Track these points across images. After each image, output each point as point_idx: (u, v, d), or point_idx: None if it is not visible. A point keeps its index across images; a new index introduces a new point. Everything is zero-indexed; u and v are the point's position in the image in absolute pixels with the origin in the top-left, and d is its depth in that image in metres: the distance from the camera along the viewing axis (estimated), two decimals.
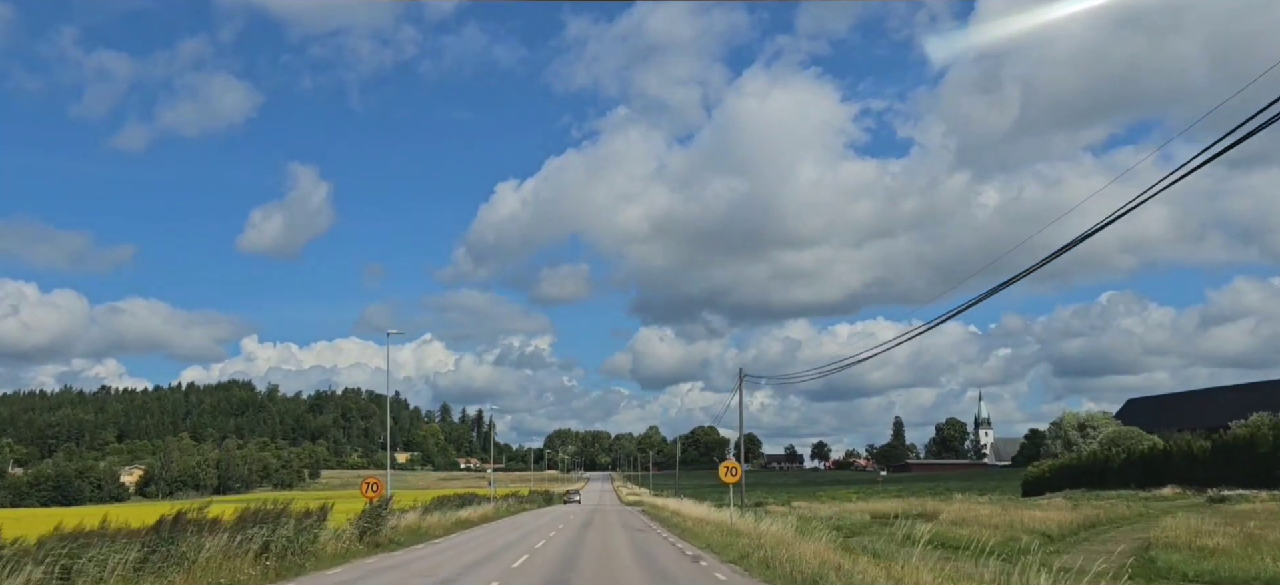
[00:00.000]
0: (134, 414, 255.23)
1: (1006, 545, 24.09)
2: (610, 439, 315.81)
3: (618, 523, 44.46)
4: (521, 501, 70.46)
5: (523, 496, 76.24)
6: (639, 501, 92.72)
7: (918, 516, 42.79)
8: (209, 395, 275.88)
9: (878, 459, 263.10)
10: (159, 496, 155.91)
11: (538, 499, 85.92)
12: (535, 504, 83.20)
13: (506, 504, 63.70)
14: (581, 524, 42.69)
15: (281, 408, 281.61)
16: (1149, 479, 55.66)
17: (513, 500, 69.10)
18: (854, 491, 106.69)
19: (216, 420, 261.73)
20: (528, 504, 70.55)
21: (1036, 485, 63.85)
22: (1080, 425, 73.76)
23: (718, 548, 23.04)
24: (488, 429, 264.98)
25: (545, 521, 46.79)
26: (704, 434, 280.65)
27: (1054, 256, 14.72)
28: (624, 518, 52.04)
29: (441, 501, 55.91)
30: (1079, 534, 29.73)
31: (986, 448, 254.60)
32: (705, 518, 36.75)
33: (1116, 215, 12.67)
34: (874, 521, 41.22)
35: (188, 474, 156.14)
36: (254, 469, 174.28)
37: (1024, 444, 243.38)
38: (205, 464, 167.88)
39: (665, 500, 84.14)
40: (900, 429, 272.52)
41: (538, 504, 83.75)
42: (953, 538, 26.58)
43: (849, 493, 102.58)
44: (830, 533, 25.18)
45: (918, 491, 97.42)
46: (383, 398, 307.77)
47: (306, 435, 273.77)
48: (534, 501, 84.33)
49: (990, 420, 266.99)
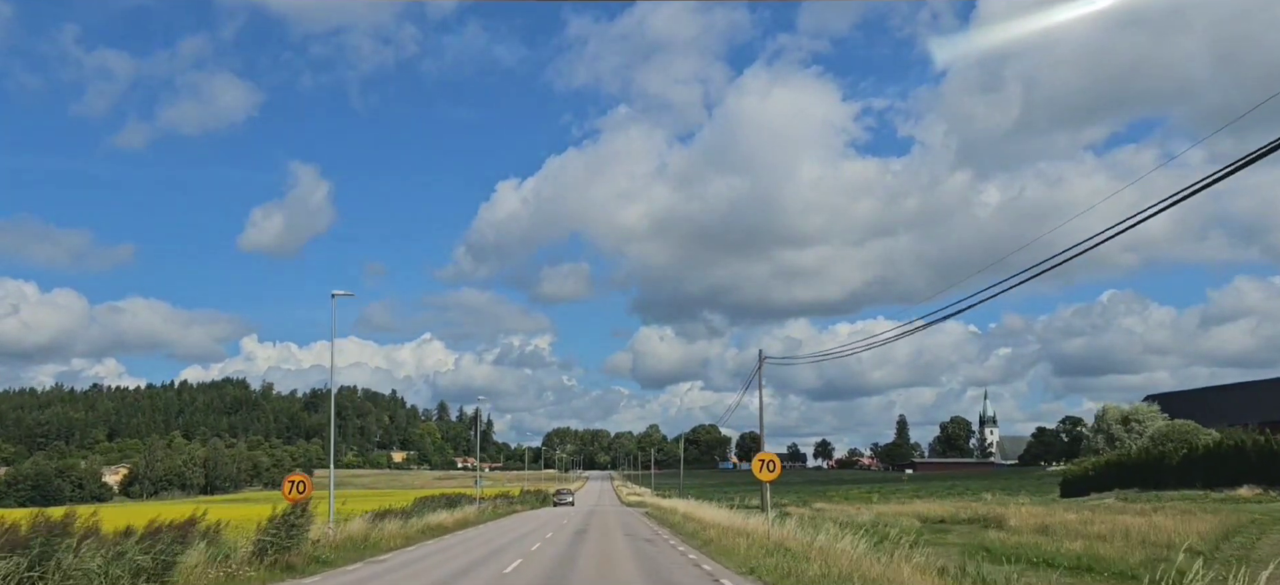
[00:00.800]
0: (125, 412, 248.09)
1: (1154, 564, 17.25)
2: (609, 438, 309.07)
3: (619, 529, 37.44)
4: (512, 502, 63.42)
5: (513, 497, 69.32)
6: (641, 502, 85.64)
7: (978, 522, 35.76)
8: (202, 393, 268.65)
9: (882, 458, 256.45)
10: (144, 496, 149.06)
11: (531, 499, 78.87)
12: (527, 505, 76.08)
13: (494, 505, 56.64)
14: (575, 531, 35.40)
15: (276, 406, 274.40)
16: (1217, 477, 48.66)
17: (502, 501, 62.02)
18: (870, 491, 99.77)
19: (210, 418, 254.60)
20: (519, 505, 63.49)
21: (1079, 485, 56.78)
22: (1124, 419, 66.72)
23: (768, 574, 15.95)
24: (478, 423, 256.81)
25: (532, 527, 39.73)
26: (705, 433, 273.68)
27: (1056, 263, 14.23)
28: (626, 522, 44.96)
29: (424, 502, 50.92)
30: (1230, 544, 22.70)
31: (993, 446, 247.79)
32: (728, 524, 29.73)
33: (1124, 227, 12.33)
34: (926, 527, 34.18)
35: (174, 473, 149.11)
36: (243, 468, 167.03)
37: (1031, 442, 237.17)
38: (191, 462, 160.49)
39: (670, 501, 77.24)
40: (904, 428, 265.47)
41: (530, 505, 76.61)
42: (1074, 555, 19.61)
43: (865, 492, 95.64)
44: (906, 547, 18.13)
45: (935, 492, 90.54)
46: (381, 395, 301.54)
47: (301, 434, 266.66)
48: (526, 502, 77.19)
49: (995, 418, 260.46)
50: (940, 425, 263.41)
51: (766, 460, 23.02)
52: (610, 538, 31.90)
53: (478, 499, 55.38)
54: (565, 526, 39.06)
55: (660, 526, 38.84)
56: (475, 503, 53.50)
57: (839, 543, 17.22)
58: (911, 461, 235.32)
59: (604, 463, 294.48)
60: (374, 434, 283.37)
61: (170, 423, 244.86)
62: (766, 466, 22.75)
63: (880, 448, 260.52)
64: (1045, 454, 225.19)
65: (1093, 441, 67.18)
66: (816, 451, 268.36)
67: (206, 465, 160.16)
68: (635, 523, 43.91)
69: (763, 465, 22.88)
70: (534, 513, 55.84)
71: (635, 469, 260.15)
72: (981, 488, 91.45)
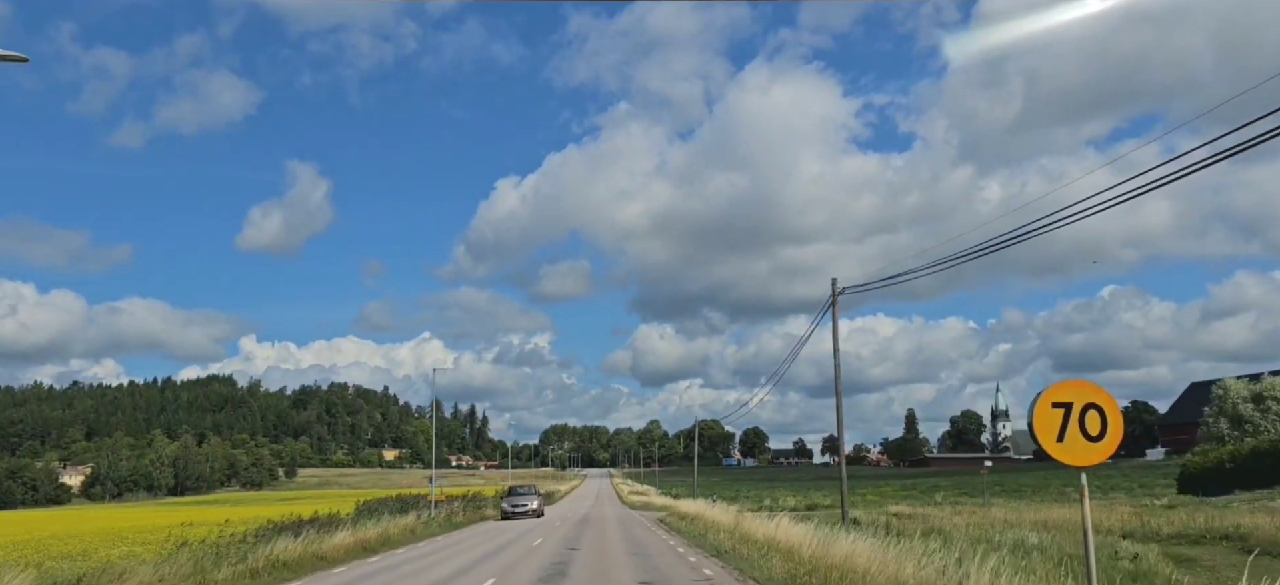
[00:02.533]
0: (104, 411, 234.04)
1: None
2: (609, 434, 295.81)
3: (627, 551, 24.23)
4: (479, 507, 49.79)
5: (486, 498, 56.00)
6: (647, 504, 72.25)
7: (1216, 538, 22.42)
8: (186, 391, 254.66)
9: (891, 453, 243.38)
10: (106, 499, 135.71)
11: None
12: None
13: (451, 511, 43.23)
14: (552, 564, 21.89)
15: (264, 403, 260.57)
16: None
17: (468, 505, 48.43)
18: (930, 488, 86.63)
19: (193, 416, 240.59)
20: (491, 509, 49.87)
21: (1206, 480, 43.49)
22: (1255, 397, 53.52)
23: None
24: (436, 414, 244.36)
25: (488, 549, 26.43)
26: (707, 428, 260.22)
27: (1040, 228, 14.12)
28: (635, 535, 31.66)
29: (371, 508, 39.53)
30: None
31: (1006, 440, 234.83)
32: (806, 544, 16.93)
33: (1110, 203, 12.50)
34: (1151, 547, 20.85)
35: (140, 474, 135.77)
36: (219, 467, 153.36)
37: None
38: (159, 462, 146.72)
39: (683, 502, 64.13)
40: (913, 422, 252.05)
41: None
42: None
43: (925, 489, 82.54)
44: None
45: (973, 488, 77.69)
46: (373, 393, 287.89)
47: (290, 432, 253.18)
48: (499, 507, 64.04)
49: (1008, 412, 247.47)
50: (950, 420, 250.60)
51: (1081, 412, 8.40)
52: (615, 568, 18.83)
53: (438, 501, 42.03)
54: (540, 549, 25.68)
55: (691, 546, 25.32)
56: (431, 510, 40.12)
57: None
58: (924, 457, 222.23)
59: (603, 460, 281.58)
60: (365, 432, 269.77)
61: (152, 421, 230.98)
62: (1084, 433, 8.39)
63: (889, 443, 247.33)
64: None
65: (1212, 426, 54.09)
66: (824, 447, 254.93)
67: (176, 465, 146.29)
68: (649, 536, 30.61)
69: (1078, 436, 8.51)
70: (509, 523, 42.84)
71: (635, 466, 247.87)
72: (1022, 485, 78.75)
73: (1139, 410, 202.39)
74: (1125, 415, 20.18)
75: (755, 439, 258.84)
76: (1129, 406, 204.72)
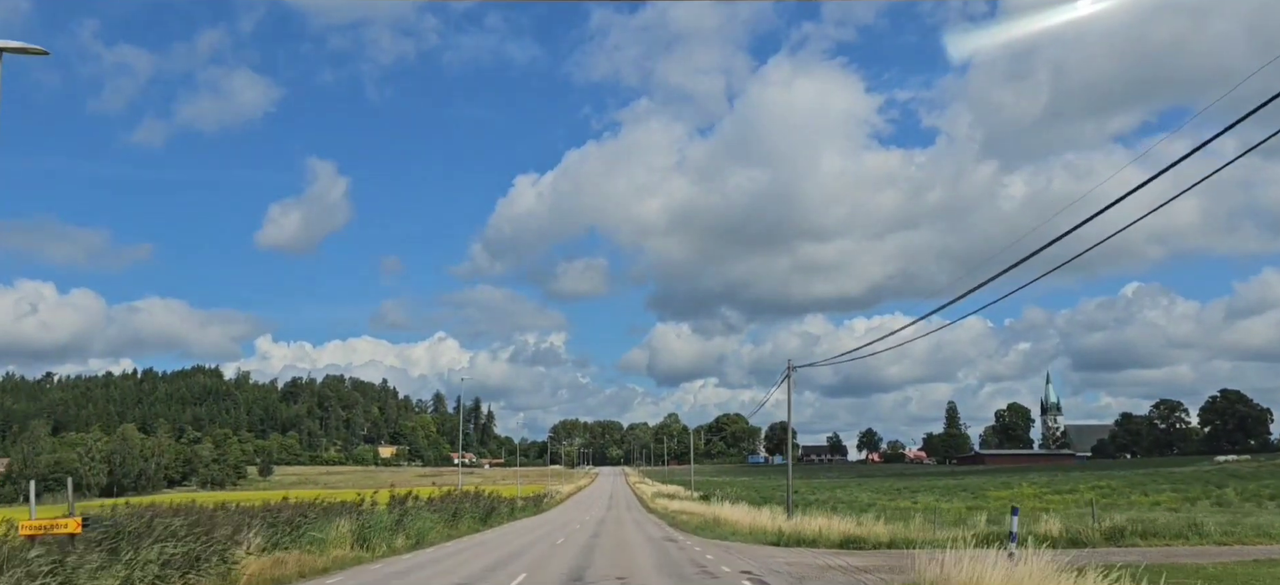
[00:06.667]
0: (75, 404, 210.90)
1: None
2: (622, 430, 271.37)
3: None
4: (436, 511, 25.29)
5: (436, 500, 32.15)
6: (674, 514, 47.62)
7: None
8: (165, 383, 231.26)
9: (933, 450, 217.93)
10: (19, 500, 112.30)
11: (479, 512, 40.99)
12: (474, 518, 38.52)
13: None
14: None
15: (251, 396, 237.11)
16: None
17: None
18: (1037, 486, 62.12)
19: (172, 409, 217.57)
20: (458, 525, 25.48)
21: None
22: None
23: None
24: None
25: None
26: (730, 422, 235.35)
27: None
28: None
29: None
30: None
31: (1062, 434, 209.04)
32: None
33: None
34: None
35: (68, 470, 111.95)
36: (169, 463, 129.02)
37: (1116, 430, 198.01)
38: (91, 457, 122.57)
39: (721, 507, 39.79)
40: (954, 417, 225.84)
41: (472, 522, 39.29)
42: None
43: (1034, 488, 58.14)
44: None
45: (1141, 486, 52.94)
46: (370, 385, 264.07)
47: (277, 426, 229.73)
48: (473, 514, 39.60)
49: (1060, 405, 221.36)
50: (996, 414, 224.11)
51: None
52: None
53: None
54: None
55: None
56: None
57: None
58: (977, 454, 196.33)
59: (616, 457, 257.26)
60: (361, 427, 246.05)
61: (127, 414, 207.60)
62: None
63: (931, 439, 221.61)
64: (1133, 444, 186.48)
65: None
66: (860, 443, 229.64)
67: (112, 460, 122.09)
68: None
69: None
70: (461, 548, 19.10)
71: (651, 463, 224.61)
72: (1128, 485, 55.40)
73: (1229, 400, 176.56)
74: None
75: (782, 435, 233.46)
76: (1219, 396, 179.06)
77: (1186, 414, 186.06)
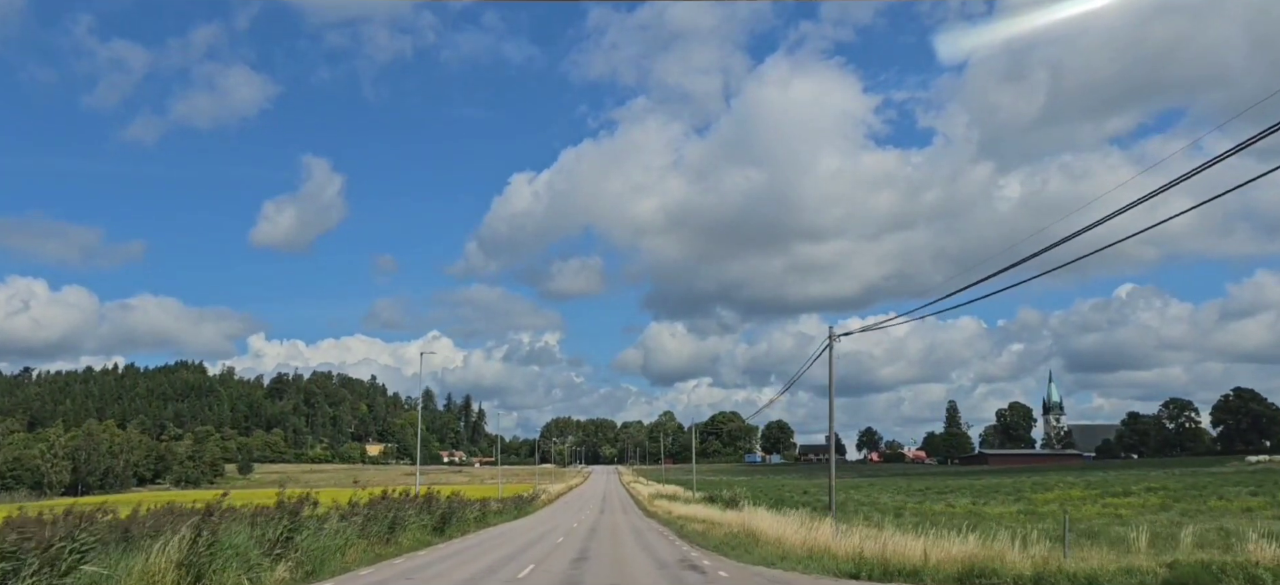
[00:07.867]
0: (53, 399, 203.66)
1: None
2: (616, 428, 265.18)
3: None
4: (367, 519, 18.81)
5: (374, 500, 26.15)
6: (681, 521, 41.60)
7: None
8: (147, 378, 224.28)
9: (933, 450, 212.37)
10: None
11: (430, 521, 34.58)
12: (420, 530, 32.26)
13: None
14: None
15: (235, 392, 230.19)
16: None
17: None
18: (1080, 489, 56.22)
19: (153, 405, 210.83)
20: (393, 534, 18.90)
21: None
22: None
23: None
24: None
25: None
26: (725, 421, 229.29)
27: None
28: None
29: None
30: None
31: (1066, 434, 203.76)
32: None
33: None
34: None
35: (26, 469, 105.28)
36: (139, 460, 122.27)
37: (1122, 430, 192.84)
38: (52, 454, 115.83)
39: (755, 516, 33.94)
40: (955, 416, 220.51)
41: (420, 532, 32.98)
42: None
43: (1077, 489, 52.28)
44: None
45: (1110, 488, 47.10)
46: (358, 382, 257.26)
47: (261, 423, 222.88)
48: (420, 523, 33.37)
49: (1062, 404, 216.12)
50: (997, 413, 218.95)
51: None
52: None
53: None
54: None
55: None
56: None
57: None
58: (981, 454, 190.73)
59: (609, 456, 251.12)
60: (348, 424, 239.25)
61: (106, 410, 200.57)
62: None
63: (932, 438, 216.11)
64: (1140, 444, 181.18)
65: None
66: (860, 443, 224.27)
67: (76, 457, 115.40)
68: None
69: None
70: (381, 580, 13.41)
71: (644, 463, 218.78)
72: (1176, 486, 49.79)
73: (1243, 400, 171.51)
74: None
75: (779, 434, 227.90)
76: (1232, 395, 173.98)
77: (1196, 414, 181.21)
